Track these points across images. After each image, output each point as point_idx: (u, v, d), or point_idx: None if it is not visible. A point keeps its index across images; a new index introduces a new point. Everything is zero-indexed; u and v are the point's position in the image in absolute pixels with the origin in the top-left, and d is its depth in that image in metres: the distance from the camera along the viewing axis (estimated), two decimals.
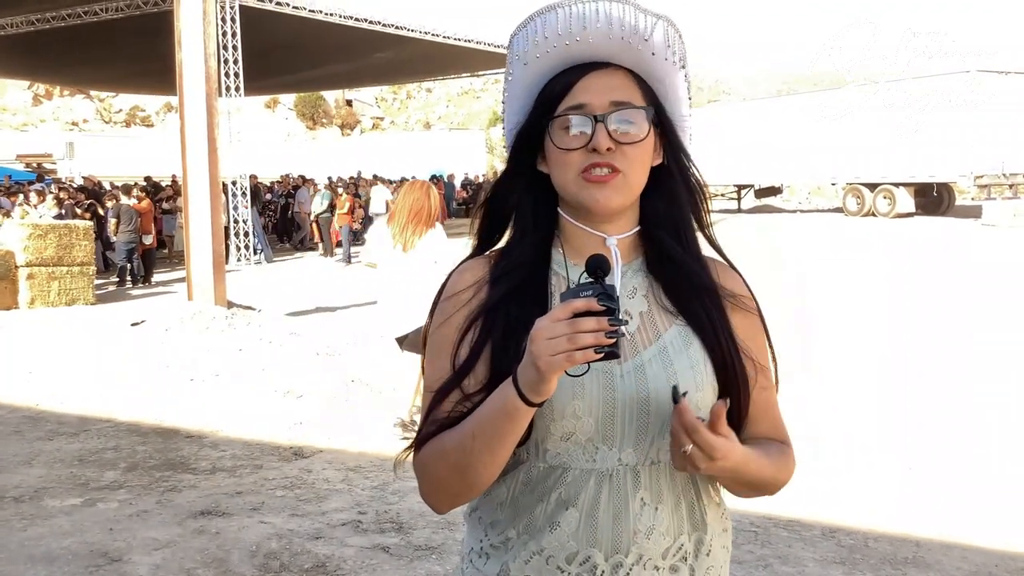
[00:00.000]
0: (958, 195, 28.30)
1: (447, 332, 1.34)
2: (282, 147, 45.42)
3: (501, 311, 1.31)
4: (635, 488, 1.27)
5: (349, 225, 20.02)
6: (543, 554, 1.28)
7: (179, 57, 11.14)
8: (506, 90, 1.39)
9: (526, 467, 1.30)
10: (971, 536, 4.32)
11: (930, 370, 7.70)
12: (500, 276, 1.34)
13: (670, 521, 1.28)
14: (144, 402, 7.25)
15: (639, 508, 1.26)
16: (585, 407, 1.25)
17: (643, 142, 1.30)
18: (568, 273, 1.34)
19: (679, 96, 1.36)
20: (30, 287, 13.25)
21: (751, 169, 29.47)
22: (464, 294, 1.34)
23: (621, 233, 1.34)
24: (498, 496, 1.33)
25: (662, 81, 1.34)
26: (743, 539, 4.29)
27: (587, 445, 1.27)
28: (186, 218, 11.51)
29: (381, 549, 4.28)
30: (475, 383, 1.29)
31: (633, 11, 1.28)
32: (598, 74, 1.30)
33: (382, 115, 60.28)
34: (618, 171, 1.28)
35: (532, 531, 1.29)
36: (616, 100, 1.29)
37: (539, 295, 1.32)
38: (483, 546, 1.35)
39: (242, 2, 19.32)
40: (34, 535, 4.52)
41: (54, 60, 25.56)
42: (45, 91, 51.22)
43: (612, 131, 1.27)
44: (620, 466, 1.27)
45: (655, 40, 1.29)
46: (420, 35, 23.33)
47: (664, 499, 1.28)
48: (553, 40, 1.29)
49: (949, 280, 13.28)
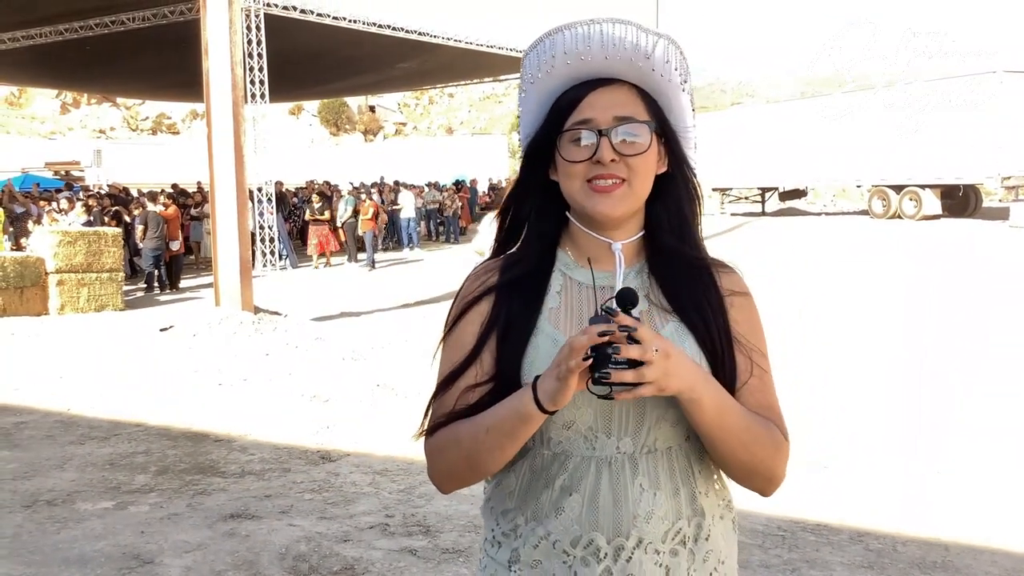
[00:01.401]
0: (985, 197, 27.98)
1: (459, 329, 1.45)
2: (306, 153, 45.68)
3: (504, 306, 1.42)
4: (633, 475, 1.34)
5: (373, 231, 20.11)
6: (550, 538, 1.35)
7: (206, 65, 11.26)
8: (520, 104, 1.49)
9: (532, 455, 1.39)
10: (1001, 540, 4.29)
11: (960, 373, 7.64)
12: (507, 275, 1.45)
13: (668, 506, 1.34)
14: (173, 406, 7.33)
15: (638, 493, 1.33)
16: (584, 398, 1.31)
17: (646, 153, 1.38)
18: (572, 273, 1.44)
19: (682, 108, 1.45)
20: (60, 293, 13.43)
21: (775, 172, 29.25)
22: (476, 294, 1.45)
23: (626, 238, 1.42)
24: (508, 485, 1.42)
25: (665, 95, 1.42)
26: (771, 543, 4.28)
27: (587, 434, 1.35)
28: (213, 224, 11.62)
29: (408, 552, 4.31)
30: (481, 373, 1.40)
31: (635, 31, 1.36)
32: (603, 90, 1.39)
33: (405, 120, 60.51)
34: (622, 181, 1.37)
35: (539, 517, 1.37)
36: (619, 115, 1.37)
37: (539, 292, 1.42)
38: (495, 534, 1.44)
39: (267, 11, 19.49)
40: (67, 538, 4.59)
41: (82, 69, 25.89)
42: (73, 99, 51.85)
43: (615, 144, 1.36)
44: (619, 454, 1.34)
45: (656, 57, 1.38)
46: (443, 41, 23.41)
47: (662, 485, 1.35)
48: (561, 59, 1.39)
49: (977, 282, 13.15)
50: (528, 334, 1.39)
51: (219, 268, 11.42)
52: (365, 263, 19.66)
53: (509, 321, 1.40)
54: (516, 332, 1.39)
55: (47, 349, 10.22)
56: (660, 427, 1.35)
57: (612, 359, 1.17)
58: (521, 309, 1.40)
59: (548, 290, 1.43)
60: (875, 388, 7.28)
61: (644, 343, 1.18)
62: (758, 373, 1.40)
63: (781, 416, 1.41)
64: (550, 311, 1.41)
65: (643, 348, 1.18)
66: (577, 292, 1.43)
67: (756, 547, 4.22)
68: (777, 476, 1.38)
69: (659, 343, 1.20)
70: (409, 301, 13.12)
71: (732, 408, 1.31)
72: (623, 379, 1.17)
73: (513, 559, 1.40)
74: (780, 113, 30.10)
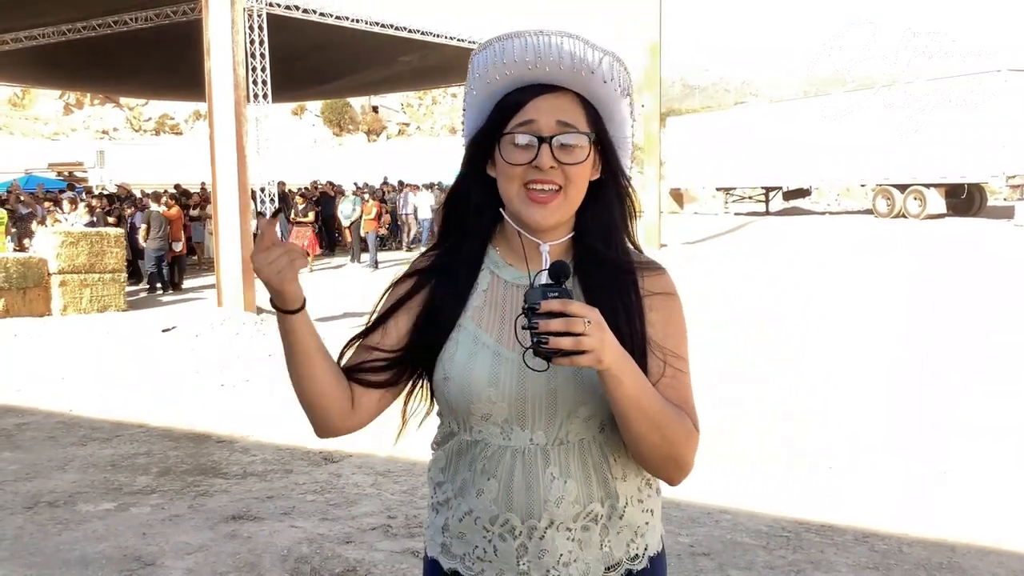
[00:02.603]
0: (990, 196, 27.93)
1: (387, 304, 1.55)
2: (309, 153, 45.72)
3: (429, 293, 1.51)
4: (544, 464, 1.42)
5: (376, 231, 20.10)
6: (472, 515, 1.47)
7: (208, 65, 11.26)
8: (466, 102, 1.55)
9: (457, 439, 1.49)
10: (1008, 541, 4.26)
11: (963, 372, 7.61)
12: (439, 265, 1.54)
13: (579, 492, 1.43)
14: (175, 407, 7.32)
15: (548, 481, 1.42)
16: (499, 394, 1.42)
17: (583, 163, 1.44)
18: (501, 272, 1.51)
19: (623, 118, 1.52)
20: (62, 294, 13.43)
21: (779, 171, 29.23)
22: (409, 279, 1.55)
23: (555, 240, 1.49)
24: (439, 461, 1.54)
25: (607, 105, 1.48)
26: (775, 544, 4.26)
27: (504, 425, 1.44)
28: (216, 225, 11.62)
29: (411, 553, 4.29)
30: (384, 341, 1.51)
31: (582, 46, 1.42)
32: (548, 96, 1.44)
33: (408, 121, 60.54)
34: (559, 190, 1.43)
35: (464, 494, 1.48)
36: (562, 120, 1.43)
37: (467, 286, 1.51)
38: (434, 502, 1.56)
39: (270, 10, 19.49)
40: (68, 539, 4.57)
41: (85, 70, 25.91)
42: (76, 100, 51.93)
43: (555, 151, 1.41)
44: (532, 445, 1.43)
45: (602, 71, 1.43)
46: (445, 40, 23.41)
47: (572, 474, 1.43)
48: (510, 65, 1.44)
49: (981, 281, 13.11)
50: (450, 328, 1.48)
51: (221, 269, 11.41)
52: (368, 264, 19.64)
53: (435, 309, 1.50)
54: (439, 322, 1.48)
55: (49, 350, 10.21)
56: (572, 422, 1.42)
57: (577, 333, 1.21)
58: (447, 301, 1.49)
59: (475, 287, 1.51)
60: (878, 388, 7.25)
61: (577, 314, 1.22)
62: (671, 372, 1.44)
63: (694, 410, 1.46)
64: (475, 309, 1.49)
65: (576, 320, 1.21)
66: (503, 290, 1.50)
67: (760, 548, 4.20)
68: (687, 463, 1.42)
69: (592, 315, 1.24)
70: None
71: (649, 390, 1.35)
72: (560, 345, 1.21)
73: (445, 527, 1.52)
74: (784, 112, 30.07)
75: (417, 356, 1.50)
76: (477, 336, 1.46)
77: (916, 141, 24.35)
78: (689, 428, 1.42)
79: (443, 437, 1.55)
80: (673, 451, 1.39)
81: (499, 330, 1.46)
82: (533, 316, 1.22)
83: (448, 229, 1.57)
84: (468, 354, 1.45)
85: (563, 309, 1.22)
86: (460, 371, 1.44)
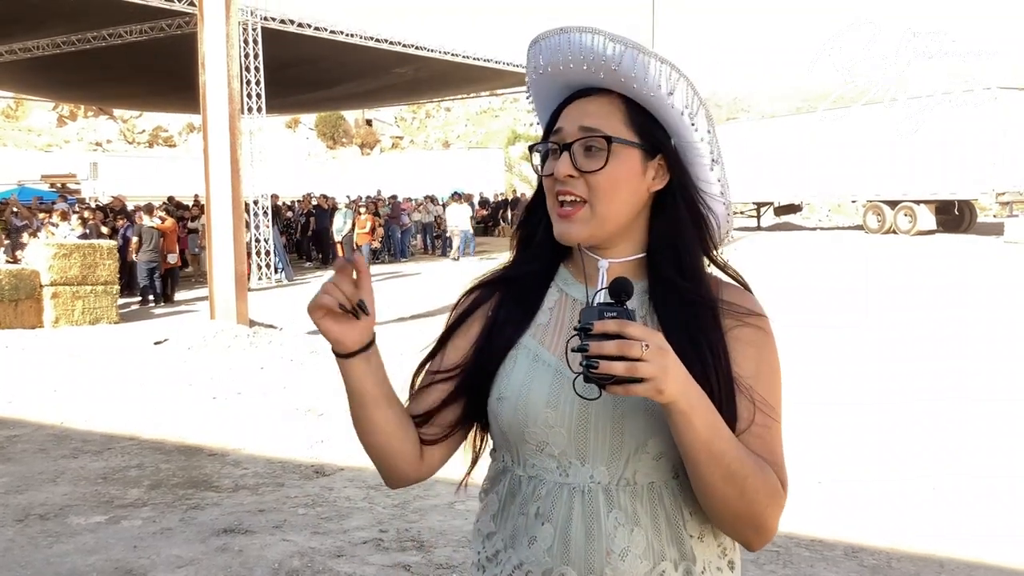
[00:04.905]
0: (980, 212, 28.11)
1: (448, 324, 1.44)
2: (303, 166, 45.75)
3: (494, 311, 1.38)
4: (608, 507, 1.24)
5: (369, 244, 20.13)
6: (522, 568, 1.28)
7: (202, 79, 11.29)
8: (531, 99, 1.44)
9: (510, 475, 1.33)
10: (996, 556, 4.28)
11: (954, 389, 7.64)
12: (506, 279, 1.41)
13: (647, 544, 1.24)
14: (167, 420, 7.31)
15: (612, 528, 1.23)
16: (557, 417, 1.26)
17: (606, 171, 1.27)
18: (569, 289, 1.38)
19: (677, 118, 1.31)
20: (55, 306, 13.41)
21: (770, 187, 29.36)
22: (475, 292, 1.43)
23: (618, 258, 1.33)
24: (491, 507, 1.36)
25: (651, 104, 1.31)
26: (765, 559, 4.27)
27: (560, 458, 1.27)
28: (209, 237, 11.62)
29: (402, 567, 4.29)
30: (446, 362, 1.38)
31: (603, 40, 1.26)
32: (582, 101, 1.32)
33: (401, 134, 60.62)
34: (583, 202, 1.28)
35: (515, 544, 1.29)
36: (585, 125, 1.29)
37: (533, 305, 1.37)
38: (479, 558, 1.37)
39: (264, 24, 19.56)
40: (59, 552, 4.57)
41: (79, 81, 25.94)
42: (69, 112, 51.89)
43: (577, 159, 1.28)
44: (592, 483, 1.25)
45: (625, 66, 1.27)
46: (440, 55, 23.54)
47: (640, 522, 1.24)
48: (544, 71, 1.34)
49: (971, 297, 13.18)
50: (509, 345, 1.33)
51: (214, 281, 11.41)
52: None
53: (496, 325, 1.36)
54: (499, 340, 1.34)
55: (41, 362, 10.19)
56: (640, 459, 1.24)
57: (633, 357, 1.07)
58: (511, 317, 1.36)
59: (541, 305, 1.37)
60: (867, 402, 7.28)
61: (634, 337, 1.07)
62: (761, 421, 1.25)
63: (783, 467, 1.27)
64: (538, 326, 1.35)
65: (633, 344, 1.07)
66: (570, 308, 1.35)
67: (751, 563, 4.21)
68: (768, 527, 1.23)
69: (653, 339, 1.09)
70: (405, 315, 13.10)
71: (725, 433, 1.17)
72: (611, 370, 1.07)
73: None
74: (775, 128, 30.25)
75: (476, 380, 1.35)
76: (538, 354, 1.32)
77: (907, 158, 24.50)
78: (774, 486, 1.22)
79: (494, 475, 1.38)
80: (752, 510, 1.20)
81: (563, 349, 1.30)
82: (586, 337, 1.09)
83: (522, 243, 1.45)
84: (526, 372, 1.30)
85: (619, 330, 1.07)
86: (516, 390, 1.29)
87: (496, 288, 1.41)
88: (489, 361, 1.33)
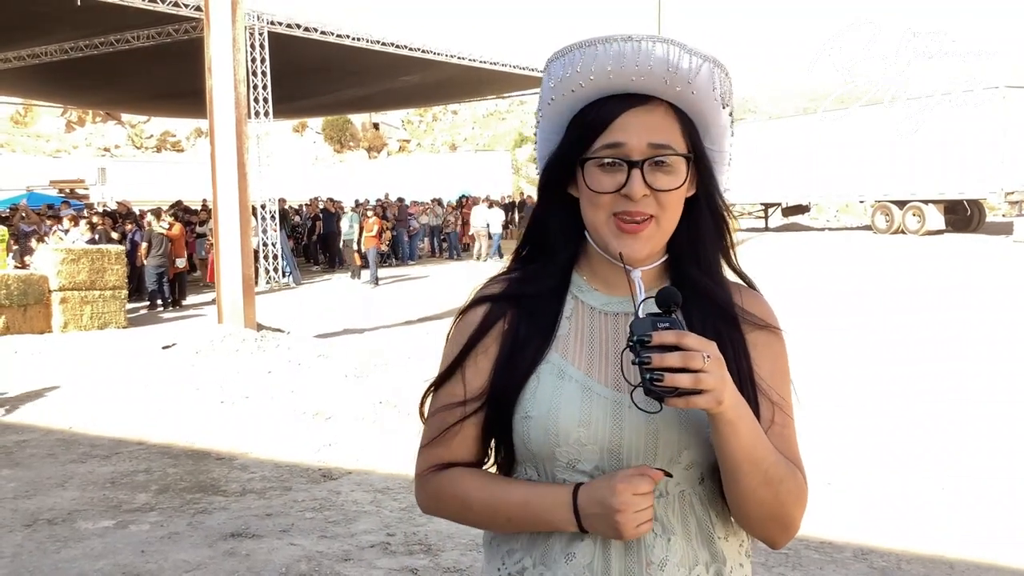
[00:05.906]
0: (989, 212, 28.02)
1: (460, 342, 1.36)
2: (310, 170, 45.84)
3: (511, 328, 1.33)
4: None
5: (377, 248, 20.14)
6: None
7: (209, 84, 11.31)
8: (540, 112, 1.36)
9: None
10: (1006, 558, 4.26)
11: (963, 390, 7.61)
12: (517, 293, 1.35)
13: (684, 552, 1.26)
14: (175, 424, 7.32)
15: (651, 540, 1.24)
16: (590, 435, 1.24)
17: (680, 189, 1.27)
18: (585, 297, 1.34)
19: (722, 130, 1.33)
20: (63, 311, 13.44)
21: (778, 187, 29.34)
22: (481, 308, 1.36)
23: (646, 265, 1.31)
24: None
25: (704, 117, 1.31)
26: (774, 561, 4.26)
27: (593, 473, 1.25)
28: (216, 242, 11.64)
29: (410, 571, 4.29)
30: (465, 391, 1.32)
31: (678, 51, 1.24)
32: (639, 111, 1.26)
33: (408, 137, 60.72)
34: (651, 218, 1.26)
35: (548, 561, 1.28)
36: (655, 143, 1.25)
37: (551, 319, 1.33)
38: (501, 574, 1.34)
39: (271, 29, 19.60)
40: (67, 557, 4.57)
41: (87, 87, 26.04)
42: (78, 118, 52.12)
43: (648, 178, 1.24)
44: None
45: (701, 79, 1.26)
46: (446, 58, 23.55)
47: (675, 530, 1.26)
48: (593, 73, 1.26)
49: (979, 296, 13.13)
50: (535, 364, 1.29)
51: (222, 285, 11.42)
52: (368, 280, 19.67)
53: (516, 344, 1.31)
54: (522, 359, 1.30)
55: (50, 367, 10.22)
56: (672, 469, 1.25)
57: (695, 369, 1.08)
58: (531, 334, 1.31)
59: (559, 316, 1.33)
60: (876, 403, 7.25)
61: (694, 348, 1.07)
62: (781, 420, 1.29)
63: (802, 464, 1.31)
64: (559, 339, 1.31)
65: (695, 355, 1.07)
66: (588, 317, 1.33)
67: (760, 565, 4.19)
68: (794, 524, 1.27)
69: (711, 349, 1.10)
70: (412, 318, 13.11)
71: (764, 439, 1.19)
72: (677, 383, 1.06)
73: None
74: (783, 129, 30.21)
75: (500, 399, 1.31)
76: (563, 369, 1.28)
77: (915, 158, 24.43)
78: (800, 485, 1.26)
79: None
80: (783, 511, 1.24)
81: (588, 362, 1.29)
82: (643, 350, 1.07)
83: (528, 254, 1.41)
84: (553, 389, 1.27)
85: (678, 342, 1.07)
86: (544, 408, 1.26)
87: (509, 304, 1.35)
88: (512, 379, 1.30)
